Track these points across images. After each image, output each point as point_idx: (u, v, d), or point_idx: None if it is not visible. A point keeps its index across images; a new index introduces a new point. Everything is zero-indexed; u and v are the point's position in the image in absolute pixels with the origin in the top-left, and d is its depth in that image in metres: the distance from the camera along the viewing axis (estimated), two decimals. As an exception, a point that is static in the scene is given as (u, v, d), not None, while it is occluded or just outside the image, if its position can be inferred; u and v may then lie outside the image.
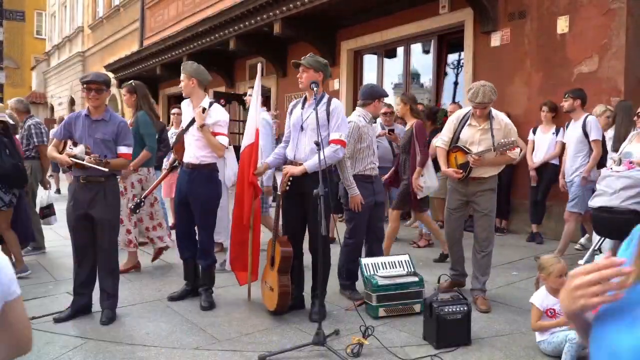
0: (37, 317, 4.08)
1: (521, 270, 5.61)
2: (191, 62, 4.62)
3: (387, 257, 4.60)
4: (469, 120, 4.57)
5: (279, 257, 4.04)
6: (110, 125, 4.20)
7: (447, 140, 4.66)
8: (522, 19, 7.68)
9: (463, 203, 4.66)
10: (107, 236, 4.19)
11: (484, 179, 4.53)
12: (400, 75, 10.31)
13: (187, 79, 4.49)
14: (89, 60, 25.80)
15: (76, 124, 4.20)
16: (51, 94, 31.61)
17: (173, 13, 17.31)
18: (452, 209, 4.71)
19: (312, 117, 4.02)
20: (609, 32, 6.73)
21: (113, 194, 4.25)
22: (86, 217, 4.14)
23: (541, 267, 3.63)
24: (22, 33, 37.97)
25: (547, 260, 3.62)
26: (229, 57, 13.95)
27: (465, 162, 4.49)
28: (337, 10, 9.79)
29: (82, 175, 4.11)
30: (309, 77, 4.16)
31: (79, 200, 4.14)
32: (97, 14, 24.55)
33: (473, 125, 4.55)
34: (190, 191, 4.46)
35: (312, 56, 4.24)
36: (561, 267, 3.52)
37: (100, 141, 4.14)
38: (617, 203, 4.35)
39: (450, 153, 4.65)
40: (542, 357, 3.45)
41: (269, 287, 4.19)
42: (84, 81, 4.17)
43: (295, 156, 4.20)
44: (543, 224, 7.22)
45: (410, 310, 4.21)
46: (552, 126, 7.01)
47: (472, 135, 4.53)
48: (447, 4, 8.70)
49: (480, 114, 4.49)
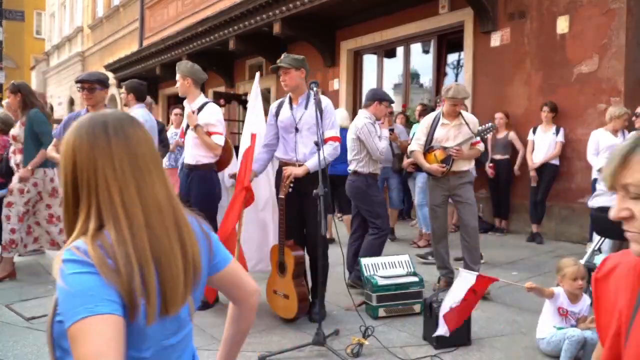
0: (37, 317, 4.08)
1: (521, 271, 5.60)
2: (185, 62, 4.61)
3: (387, 257, 4.60)
4: (440, 120, 4.91)
5: (293, 262, 3.96)
6: None
7: (422, 143, 4.98)
8: (522, 19, 7.68)
9: (446, 198, 4.97)
10: None
11: (463, 172, 4.90)
12: (400, 76, 10.31)
13: (182, 79, 4.48)
14: (88, 60, 25.78)
15: None
16: (51, 94, 31.54)
17: (173, 13, 17.30)
18: (437, 205, 4.98)
19: (307, 117, 4.01)
20: (609, 32, 6.72)
21: None
22: None
23: (558, 269, 3.64)
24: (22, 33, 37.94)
25: (563, 263, 3.63)
26: (228, 57, 13.94)
27: (447, 157, 4.79)
28: (336, 10, 9.78)
29: None
30: (293, 77, 4.10)
31: None
32: (97, 13, 24.54)
33: (445, 124, 4.89)
34: (189, 191, 4.46)
35: (288, 56, 4.17)
36: (576, 270, 3.52)
37: None
38: None
39: (427, 154, 4.94)
40: (542, 358, 3.45)
41: (283, 295, 4.07)
42: (76, 80, 4.18)
43: (296, 158, 4.12)
44: (543, 224, 7.22)
45: (410, 311, 4.21)
46: (552, 126, 7.01)
47: (446, 133, 4.88)
48: (447, 4, 8.70)
49: (452, 111, 4.84)
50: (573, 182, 7.10)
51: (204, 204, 4.43)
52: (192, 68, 4.52)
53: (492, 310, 4.36)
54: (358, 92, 10.97)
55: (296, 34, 10.51)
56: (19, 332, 3.84)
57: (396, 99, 10.36)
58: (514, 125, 7.59)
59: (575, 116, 7.08)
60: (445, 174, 4.82)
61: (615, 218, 1.08)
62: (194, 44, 12.93)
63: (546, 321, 3.55)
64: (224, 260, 1.48)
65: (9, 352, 3.48)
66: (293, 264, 3.97)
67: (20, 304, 4.50)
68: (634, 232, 1.07)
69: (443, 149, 4.82)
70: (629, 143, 1.09)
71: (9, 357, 3.41)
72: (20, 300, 4.60)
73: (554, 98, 7.15)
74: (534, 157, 7.08)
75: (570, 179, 7.14)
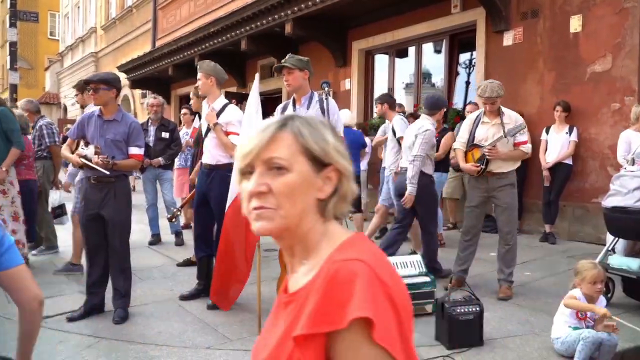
0: (50, 317, 4.11)
1: (534, 271, 5.57)
2: (208, 61, 4.61)
3: (399, 257, 4.60)
4: (482, 119, 4.83)
5: None
6: (122, 126, 4.22)
7: (464, 141, 4.92)
8: (535, 18, 7.63)
9: (484, 199, 4.86)
10: (117, 236, 4.21)
11: (503, 174, 4.74)
12: (411, 75, 10.27)
13: (205, 78, 4.49)
14: (102, 61, 25.97)
15: (89, 123, 4.23)
16: (64, 95, 31.82)
17: (185, 14, 17.38)
18: (473, 206, 4.90)
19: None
20: (622, 31, 6.66)
21: (123, 194, 4.26)
22: (97, 217, 4.17)
23: (576, 271, 3.58)
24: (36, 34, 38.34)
25: (582, 265, 3.56)
26: (240, 58, 13.97)
27: (482, 156, 4.70)
28: (348, 10, 9.77)
29: (92, 176, 4.13)
30: (296, 78, 4.12)
31: (90, 200, 4.18)
32: (110, 14, 24.72)
33: (485, 122, 4.81)
34: (209, 191, 4.48)
35: (292, 56, 4.18)
36: (596, 273, 3.46)
37: (111, 142, 4.16)
38: (631, 203, 4.31)
39: (467, 153, 4.88)
40: (555, 358, 3.43)
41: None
42: (82, 81, 4.21)
43: None
44: (556, 224, 7.17)
45: (422, 311, 4.19)
46: (566, 126, 6.96)
47: (485, 132, 4.79)
48: (459, 4, 8.65)
49: (490, 109, 4.74)
50: (587, 182, 7.04)
51: (223, 204, 4.45)
52: (215, 67, 4.54)
53: (505, 310, 4.34)
54: (369, 92, 10.95)
55: (308, 34, 10.52)
56: (34, 330, 3.88)
57: (408, 99, 10.33)
58: (526, 125, 7.51)
59: (589, 115, 7.02)
60: (480, 174, 4.74)
61: (253, 193, 1.06)
62: (206, 45, 12.98)
63: (562, 321, 3.51)
64: (9, 261, 1.59)
65: (24, 350, 3.51)
66: None
67: (34, 302, 4.54)
68: (269, 208, 1.06)
69: (479, 148, 4.77)
70: (278, 121, 1.10)
71: (24, 355, 3.44)
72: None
73: (567, 97, 7.09)
74: (547, 157, 7.03)
75: (584, 178, 7.08)
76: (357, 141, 7.07)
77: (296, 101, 4.21)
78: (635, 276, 4.30)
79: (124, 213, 4.28)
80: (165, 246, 6.94)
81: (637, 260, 4.41)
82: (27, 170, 5.88)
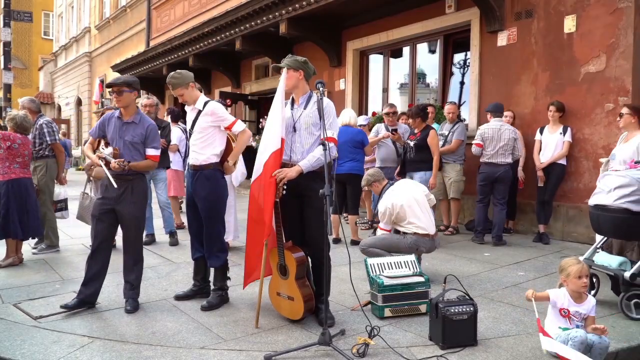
0: (44, 316, 4.10)
1: (528, 271, 5.58)
2: (172, 73, 4.53)
3: (393, 257, 4.59)
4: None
5: (295, 264, 3.95)
6: (140, 128, 4.42)
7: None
8: (529, 18, 7.66)
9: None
10: (132, 230, 4.46)
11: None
12: (406, 75, 10.29)
13: (184, 88, 4.48)
14: (95, 60, 25.91)
15: (109, 124, 4.47)
16: (58, 94, 31.73)
17: (179, 13, 17.36)
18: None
19: (305, 116, 4.03)
20: (616, 31, 6.69)
21: (140, 191, 4.47)
22: (111, 212, 4.40)
23: (561, 269, 3.60)
24: (30, 34, 38.23)
25: (566, 262, 3.58)
26: (235, 58, 13.97)
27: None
28: (342, 10, 9.78)
29: (112, 174, 4.32)
30: (290, 78, 4.09)
31: (107, 197, 4.41)
32: (104, 14, 24.67)
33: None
34: (195, 192, 4.48)
35: (290, 56, 4.17)
36: (580, 267, 3.48)
37: (129, 143, 4.38)
38: (611, 201, 4.36)
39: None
40: (548, 359, 3.44)
41: (287, 297, 4.05)
42: (106, 85, 4.55)
43: (291, 158, 4.08)
44: (550, 224, 7.20)
45: (416, 311, 4.20)
46: (560, 126, 6.98)
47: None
48: (454, 4, 8.68)
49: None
50: (581, 182, 7.07)
51: (212, 203, 4.45)
52: (187, 74, 4.52)
53: (499, 310, 4.35)
54: (364, 92, 10.97)
55: (302, 34, 10.52)
56: (27, 331, 3.86)
57: (402, 99, 10.36)
58: (520, 125, 7.57)
59: (583, 116, 7.05)
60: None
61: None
62: (200, 44, 12.97)
63: (551, 322, 3.53)
64: None
65: (17, 351, 3.49)
66: (295, 265, 3.96)
67: (27, 303, 4.52)
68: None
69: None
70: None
71: (17, 355, 3.43)
72: (27, 299, 4.62)
73: (561, 98, 7.12)
74: (541, 157, 7.05)
75: (577, 178, 7.11)
76: (355, 139, 6.92)
77: (295, 101, 4.22)
78: (612, 273, 4.39)
79: (140, 209, 4.50)
80: (160, 246, 6.93)
81: (619, 259, 4.48)
82: (21, 169, 5.87)
